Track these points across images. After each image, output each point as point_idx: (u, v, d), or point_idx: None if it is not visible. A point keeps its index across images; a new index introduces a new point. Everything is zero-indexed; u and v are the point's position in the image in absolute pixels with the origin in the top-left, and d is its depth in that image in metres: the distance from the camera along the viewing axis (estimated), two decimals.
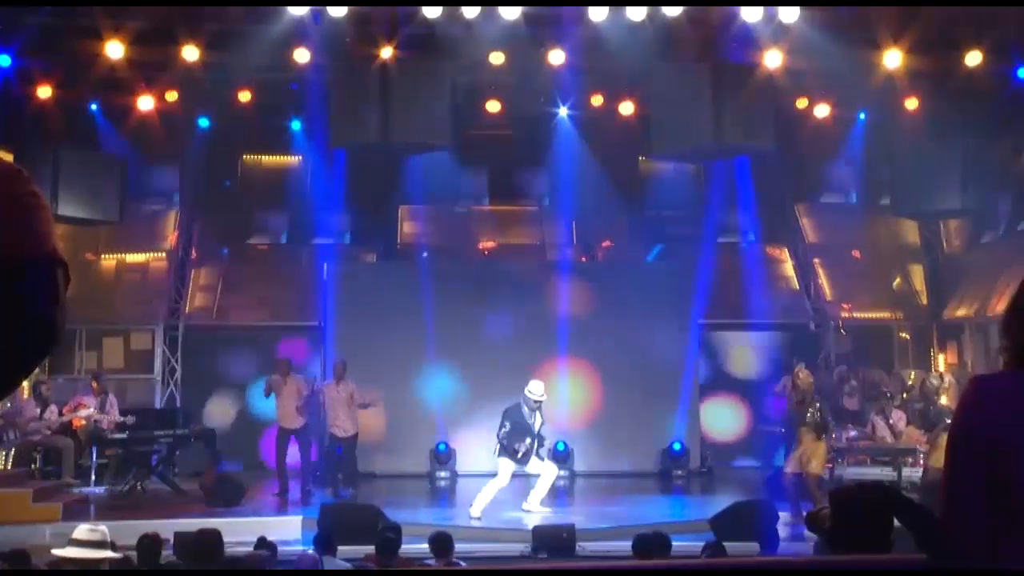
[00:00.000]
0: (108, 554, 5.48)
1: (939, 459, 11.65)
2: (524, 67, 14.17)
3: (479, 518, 11.54)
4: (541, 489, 11.99)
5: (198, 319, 16.40)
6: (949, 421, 11.57)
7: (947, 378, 12.05)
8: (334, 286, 15.75)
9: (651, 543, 7.27)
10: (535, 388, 11.86)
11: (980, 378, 2.28)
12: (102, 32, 12.57)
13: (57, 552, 5.42)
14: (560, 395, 15.13)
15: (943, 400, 13.22)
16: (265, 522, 10.82)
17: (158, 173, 16.07)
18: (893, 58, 13.09)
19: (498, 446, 11.85)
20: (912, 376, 16.16)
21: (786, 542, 9.75)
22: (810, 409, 11.58)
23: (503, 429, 11.79)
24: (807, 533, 8.50)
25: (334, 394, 13.39)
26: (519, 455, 11.72)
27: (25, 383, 14.89)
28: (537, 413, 11.88)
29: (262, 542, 7.84)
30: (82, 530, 5.43)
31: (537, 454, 11.98)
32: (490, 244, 17.65)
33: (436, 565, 7.52)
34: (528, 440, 11.76)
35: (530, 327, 15.19)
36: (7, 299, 1.44)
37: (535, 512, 11.74)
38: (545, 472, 12.04)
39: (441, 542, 7.74)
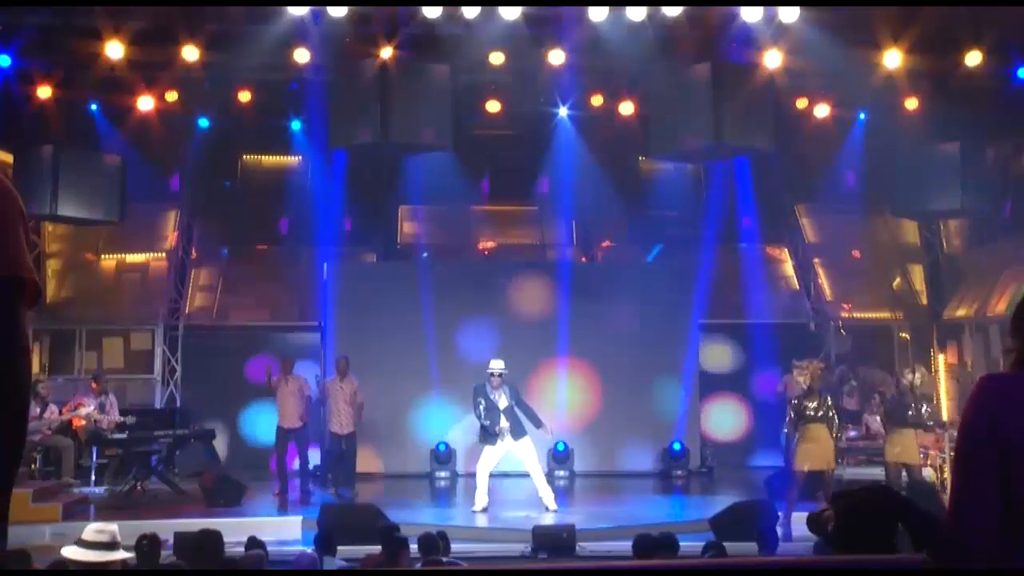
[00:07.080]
0: (119, 556, 5.23)
1: (895, 455, 11.45)
2: (524, 67, 14.17)
3: (484, 509, 11.80)
4: (542, 484, 12.10)
5: (198, 319, 16.40)
6: (911, 414, 11.45)
7: (920, 375, 11.83)
8: (334, 286, 15.74)
9: (658, 544, 7.25)
10: (493, 364, 12.16)
11: (988, 378, 2.30)
12: (102, 32, 12.56)
13: (67, 554, 5.12)
14: (560, 395, 15.16)
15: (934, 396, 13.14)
16: (265, 522, 10.84)
17: (158, 173, 16.04)
18: (893, 58, 13.09)
19: (481, 431, 12.14)
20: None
21: (785, 542, 9.73)
22: (816, 401, 11.20)
23: (480, 407, 12.01)
24: (807, 533, 8.51)
25: (336, 389, 13.41)
26: (495, 438, 11.96)
27: None
28: (502, 391, 12.01)
29: (253, 541, 7.82)
30: (90, 531, 5.20)
31: (512, 432, 12.03)
32: (490, 244, 17.64)
33: (426, 565, 7.51)
34: (501, 419, 11.97)
35: (530, 327, 15.19)
36: None
37: (555, 511, 11.86)
38: (527, 456, 12.09)
39: (429, 541, 7.73)
